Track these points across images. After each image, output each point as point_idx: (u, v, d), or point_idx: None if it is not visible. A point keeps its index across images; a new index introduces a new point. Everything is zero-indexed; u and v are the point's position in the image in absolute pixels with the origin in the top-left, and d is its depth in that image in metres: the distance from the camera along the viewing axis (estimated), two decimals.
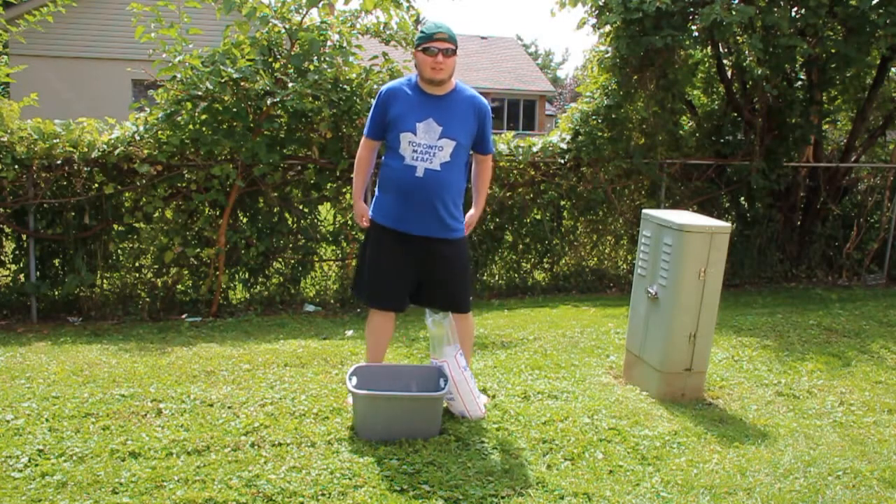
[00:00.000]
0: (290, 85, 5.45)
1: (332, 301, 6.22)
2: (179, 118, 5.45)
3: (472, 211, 3.73)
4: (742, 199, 7.58)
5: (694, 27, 6.67)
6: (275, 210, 6.00)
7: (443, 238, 3.48)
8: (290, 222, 6.11)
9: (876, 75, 7.27)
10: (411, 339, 4.98)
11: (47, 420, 3.36)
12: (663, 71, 6.65)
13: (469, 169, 3.66)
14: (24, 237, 5.57)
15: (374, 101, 3.56)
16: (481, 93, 3.70)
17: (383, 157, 3.55)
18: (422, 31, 3.36)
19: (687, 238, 3.72)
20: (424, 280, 3.57)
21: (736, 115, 7.31)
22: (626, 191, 7.21)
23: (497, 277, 6.96)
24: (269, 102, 5.40)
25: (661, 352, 3.88)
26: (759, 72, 6.50)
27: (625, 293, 6.65)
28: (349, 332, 5.23)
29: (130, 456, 3.02)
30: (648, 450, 3.25)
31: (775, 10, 6.33)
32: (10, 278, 5.71)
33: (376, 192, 3.58)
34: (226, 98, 5.43)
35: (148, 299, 5.81)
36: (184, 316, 5.72)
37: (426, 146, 3.37)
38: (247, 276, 6.10)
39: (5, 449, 3.04)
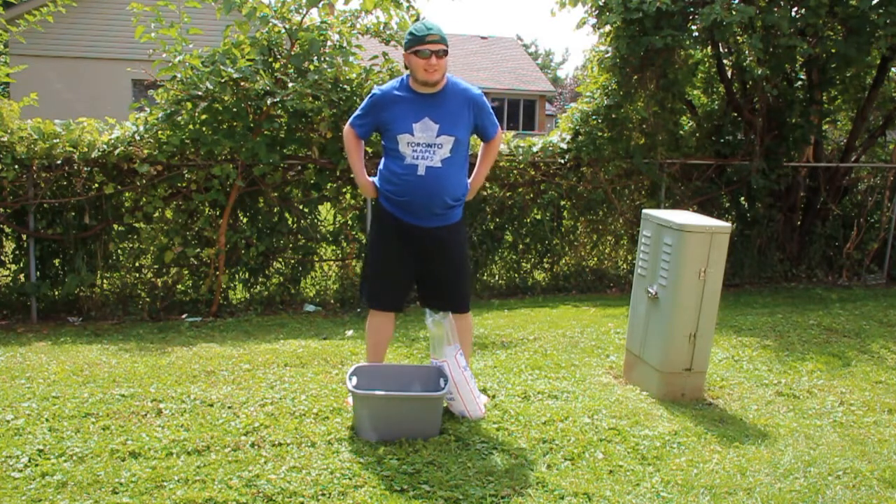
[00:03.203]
0: (290, 85, 5.45)
1: (332, 301, 6.22)
2: (179, 118, 5.45)
3: (470, 179, 3.65)
4: (742, 199, 7.58)
5: (694, 27, 6.67)
6: (275, 210, 6.00)
7: (442, 225, 3.50)
8: (290, 222, 6.11)
9: (876, 75, 7.27)
10: (411, 339, 4.98)
11: (47, 420, 3.36)
12: (663, 71, 6.65)
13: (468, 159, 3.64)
14: (24, 237, 5.57)
15: (365, 100, 3.55)
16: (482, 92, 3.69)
17: (382, 161, 3.54)
18: (411, 34, 3.32)
19: (687, 238, 3.72)
20: (425, 276, 3.59)
21: (736, 115, 7.30)
22: (626, 191, 7.21)
23: (497, 277, 6.96)
24: (269, 102, 5.40)
25: (661, 352, 3.88)
26: (759, 72, 6.50)
27: (625, 293, 6.65)
28: (349, 332, 5.23)
29: (130, 456, 3.02)
30: (648, 450, 3.25)
31: (775, 10, 6.33)
32: (10, 278, 5.72)
33: (378, 185, 3.56)
34: (226, 98, 5.43)
35: (148, 299, 5.81)
36: (184, 316, 5.72)
37: (425, 145, 3.37)
38: (247, 276, 6.10)
39: (5, 449, 3.04)
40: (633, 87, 6.75)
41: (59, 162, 5.39)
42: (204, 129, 5.52)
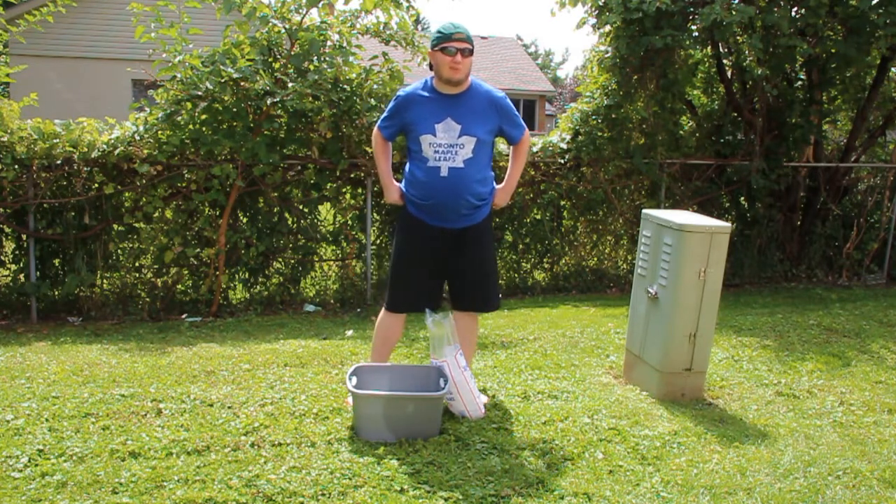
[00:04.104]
0: (290, 85, 5.45)
1: (332, 301, 6.22)
2: (179, 118, 5.45)
3: (499, 186, 3.66)
4: (742, 199, 7.58)
5: (694, 27, 6.67)
6: (275, 210, 6.00)
7: (469, 225, 3.52)
8: (290, 222, 6.11)
9: (876, 75, 7.27)
10: (411, 339, 4.98)
11: (47, 420, 3.36)
12: (663, 71, 6.65)
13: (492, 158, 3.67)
14: (24, 237, 5.57)
15: (389, 103, 3.59)
16: None
17: (407, 164, 3.57)
18: (439, 32, 3.37)
19: (687, 238, 3.72)
20: (452, 277, 3.61)
21: (736, 115, 7.30)
22: (626, 191, 7.21)
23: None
24: (269, 102, 5.40)
25: (661, 352, 3.88)
26: (759, 72, 6.50)
27: (625, 293, 6.64)
28: (349, 332, 5.23)
29: (130, 456, 3.02)
30: (648, 450, 3.25)
31: (775, 10, 6.33)
32: (10, 278, 5.71)
33: (404, 190, 3.58)
34: (226, 98, 5.42)
35: (148, 299, 5.81)
36: (184, 316, 5.72)
37: (447, 145, 3.39)
38: (247, 276, 6.10)
39: (5, 449, 3.04)
40: (633, 87, 6.75)
41: (59, 162, 5.39)
42: (204, 129, 5.52)
